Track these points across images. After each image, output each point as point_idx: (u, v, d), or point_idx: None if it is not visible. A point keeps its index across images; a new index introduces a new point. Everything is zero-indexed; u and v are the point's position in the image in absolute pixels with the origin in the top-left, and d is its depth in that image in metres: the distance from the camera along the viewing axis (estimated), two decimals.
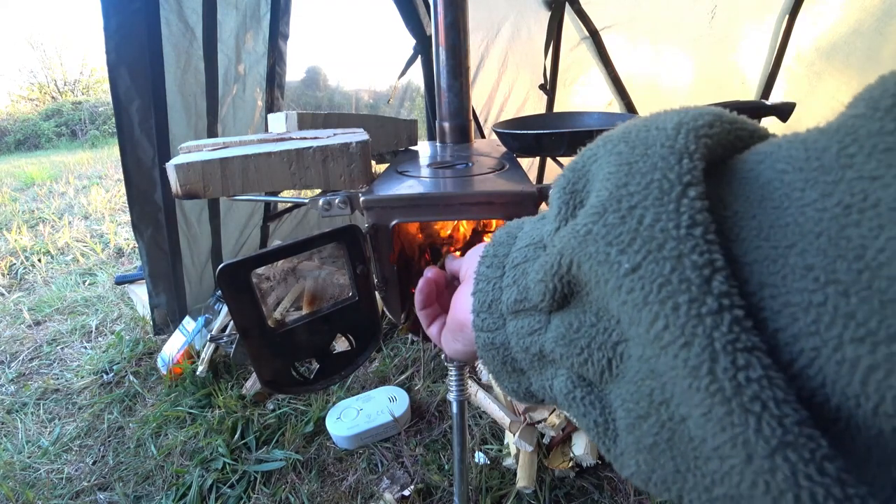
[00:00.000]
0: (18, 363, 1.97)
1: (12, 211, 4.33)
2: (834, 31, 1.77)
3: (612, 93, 2.25)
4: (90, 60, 13.56)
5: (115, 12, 1.41)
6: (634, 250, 0.18)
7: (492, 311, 0.29)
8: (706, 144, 0.20)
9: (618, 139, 0.23)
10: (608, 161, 0.22)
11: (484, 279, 0.30)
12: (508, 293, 0.27)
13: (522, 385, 0.29)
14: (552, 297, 0.24)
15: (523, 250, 0.27)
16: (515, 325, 0.27)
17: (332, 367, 0.61)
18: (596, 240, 0.20)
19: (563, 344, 0.24)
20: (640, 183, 0.20)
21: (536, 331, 0.26)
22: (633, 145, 0.22)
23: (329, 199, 0.61)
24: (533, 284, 0.25)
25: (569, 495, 1.22)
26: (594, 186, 0.23)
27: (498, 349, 0.29)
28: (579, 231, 0.21)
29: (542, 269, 0.24)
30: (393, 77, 2.45)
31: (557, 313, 0.25)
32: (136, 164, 1.62)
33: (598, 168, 0.23)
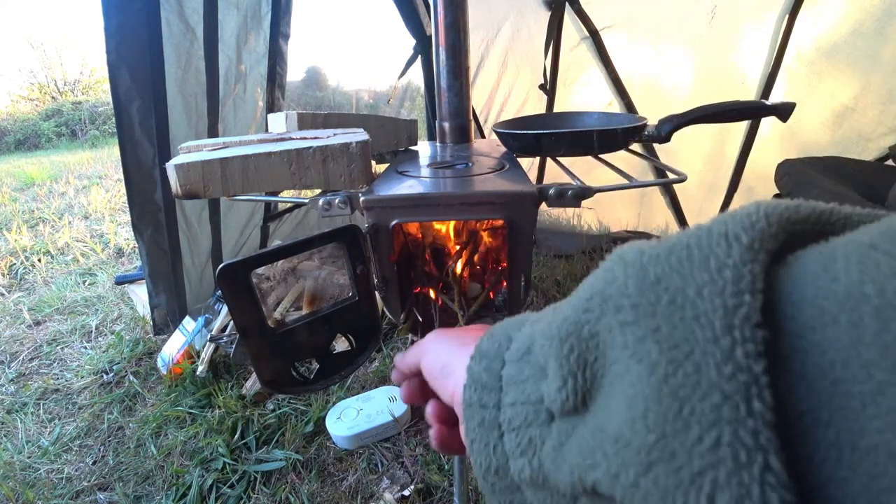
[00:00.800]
0: (18, 363, 1.97)
1: (12, 211, 4.33)
2: (834, 31, 1.77)
3: (612, 93, 2.26)
4: (90, 60, 13.55)
5: (116, 12, 1.41)
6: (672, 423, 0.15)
7: (500, 476, 0.24)
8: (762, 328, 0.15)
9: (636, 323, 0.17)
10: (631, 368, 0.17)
11: (479, 439, 0.25)
12: (519, 464, 0.23)
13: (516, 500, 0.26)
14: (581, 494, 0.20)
15: (520, 409, 0.23)
16: (536, 495, 0.23)
17: (332, 367, 0.61)
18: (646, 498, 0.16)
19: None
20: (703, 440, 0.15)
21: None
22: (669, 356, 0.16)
23: (329, 199, 0.61)
24: (557, 479, 0.21)
25: None
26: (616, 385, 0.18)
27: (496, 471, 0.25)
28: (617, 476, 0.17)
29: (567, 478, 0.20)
30: (393, 77, 2.46)
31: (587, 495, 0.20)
32: (136, 164, 1.62)
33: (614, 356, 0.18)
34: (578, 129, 0.74)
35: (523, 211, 0.58)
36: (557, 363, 0.21)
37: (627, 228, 2.63)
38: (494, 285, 0.75)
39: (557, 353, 0.21)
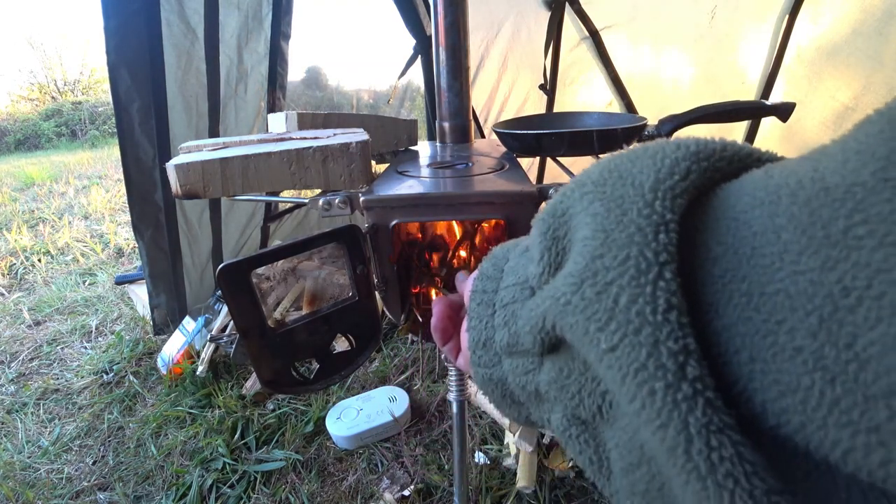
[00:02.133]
0: (18, 363, 1.97)
1: (12, 211, 4.33)
2: (834, 31, 1.77)
3: (612, 93, 2.25)
4: (90, 60, 13.56)
5: (116, 12, 1.41)
6: (612, 330, 0.18)
7: (487, 349, 0.29)
8: (684, 202, 0.19)
9: (593, 193, 0.22)
10: (585, 221, 0.22)
11: (476, 317, 0.30)
12: (501, 334, 0.27)
13: (522, 414, 0.30)
14: (541, 346, 0.24)
15: (511, 289, 0.27)
16: (511, 363, 0.28)
17: (332, 367, 0.61)
18: (575, 312, 0.20)
19: (555, 387, 0.24)
20: (617, 257, 0.19)
21: (531, 371, 0.26)
22: (608, 206, 0.21)
23: (329, 199, 0.61)
24: (523, 333, 0.25)
25: (569, 495, 1.22)
26: (574, 243, 0.23)
27: (496, 384, 0.29)
28: (559, 299, 0.21)
29: (529, 324, 0.24)
30: (393, 77, 2.46)
31: (549, 356, 0.25)
32: (136, 165, 1.62)
33: (576, 222, 0.23)
34: (578, 129, 0.74)
35: (523, 211, 0.58)
36: (537, 242, 0.25)
37: None
38: None
39: (538, 234, 0.25)
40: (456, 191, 0.62)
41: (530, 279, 0.26)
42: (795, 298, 0.15)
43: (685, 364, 0.17)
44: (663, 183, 0.20)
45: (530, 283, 0.26)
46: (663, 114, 0.77)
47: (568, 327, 0.21)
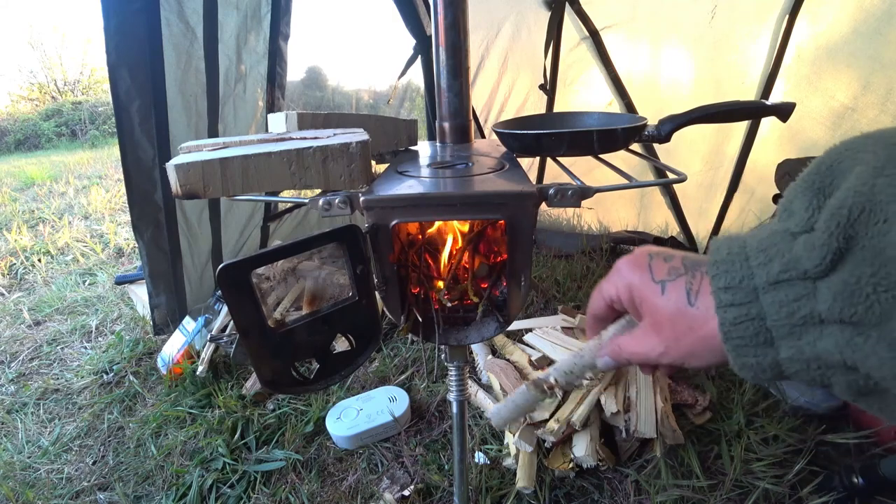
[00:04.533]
0: (18, 363, 1.97)
1: (12, 211, 4.33)
2: (834, 31, 1.77)
3: (612, 93, 2.25)
4: (90, 60, 13.56)
5: (116, 12, 1.41)
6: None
7: (742, 286, 0.32)
8: None
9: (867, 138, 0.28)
10: (863, 157, 0.27)
11: (724, 263, 0.33)
12: (765, 269, 0.31)
13: (768, 357, 0.32)
14: (831, 256, 0.28)
15: (765, 240, 0.32)
16: (774, 296, 0.31)
17: (332, 367, 0.61)
18: (884, 183, 0.26)
19: (842, 298, 0.28)
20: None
21: (804, 296, 0.29)
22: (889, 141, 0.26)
23: (329, 199, 0.61)
24: (803, 252, 0.29)
25: (569, 495, 1.22)
26: (847, 178, 0.28)
27: (752, 321, 0.32)
28: (861, 189, 0.26)
29: (821, 233, 0.28)
30: (393, 77, 2.46)
31: (823, 279, 0.29)
32: (136, 164, 1.62)
33: (848, 166, 0.28)
34: (578, 129, 0.74)
35: (523, 211, 0.58)
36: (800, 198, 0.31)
37: (627, 228, 2.63)
38: (494, 283, 0.75)
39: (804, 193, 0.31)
40: (456, 191, 0.62)
41: (793, 228, 0.30)
42: None
43: None
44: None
45: (792, 231, 0.30)
46: (663, 114, 0.77)
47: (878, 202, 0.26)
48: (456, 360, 0.79)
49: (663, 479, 1.21)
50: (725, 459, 1.27)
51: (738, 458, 1.25)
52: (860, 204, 0.27)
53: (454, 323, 0.73)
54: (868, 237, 0.27)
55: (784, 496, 1.18)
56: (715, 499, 1.18)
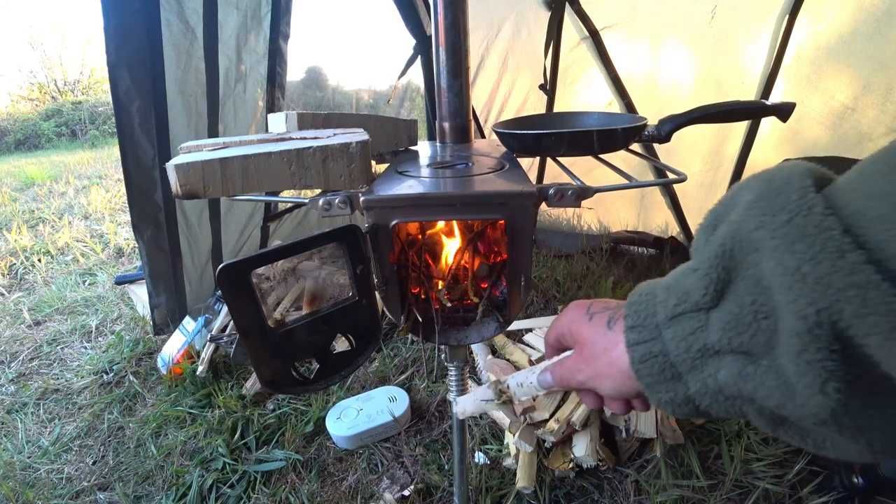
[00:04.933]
0: (18, 363, 1.97)
1: (12, 211, 4.33)
2: (834, 31, 1.77)
3: (612, 93, 2.25)
4: (90, 60, 13.55)
5: (115, 13, 1.41)
6: (788, 210, 0.26)
7: (646, 324, 0.34)
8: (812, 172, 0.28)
9: (750, 179, 0.30)
10: (749, 189, 0.29)
11: (635, 304, 0.35)
12: (664, 305, 0.33)
13: (679, 392, 0.33)
14: (714, 287, 0.30)
15: (672, 278, 0.34)
16: (673, 331, 0.32)
17: (332, 367, 0.61)
18: (751, 217, 0.28)
19: (729, 328, 0.29)
20: (783, 183, 0.27)
21: (698, 328, 0.31)
22: (765, 175, 0.29)
23: (329, 199, 0.61)
24: (692, 285, 0.31)
25: (569, 495, 1.22)
26: (735, 209, 0.30)
27: (657, 357, 0.33)
28: (733, 222, 0.29)
29: (703, 266, 0.30)
30: (393, 77, 2.46)
31: (715, 310, 0.30)
32: (136, 164, 1.62)
33: (735, 201, 0.30)
34: (578, 129, 0.74)
35: (523, 211, 0.58)
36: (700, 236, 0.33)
37: (627, 228, 2.63)
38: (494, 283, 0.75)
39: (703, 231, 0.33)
40: (456, 191, 0.62)
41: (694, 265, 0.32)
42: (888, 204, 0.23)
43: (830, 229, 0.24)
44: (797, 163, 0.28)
45: (693, 267, 0.32)
46: (663, 113, 0.77)
47: (745, 233, 0.28)
48: (456, 360, 0.79)
49: (663, 479, 1.21)
50: (725, 459, 1.27)
51: (738, 458, 1.25)
52: (732, 236, 0.29)
53: (454, 323, 0.73)
54: (745, 268, 0.28)
55: (784, 496, 1.18)
56: (715, 499, 1.18)
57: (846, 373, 0.25)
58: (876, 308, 0.23)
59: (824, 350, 0.25)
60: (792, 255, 0.25)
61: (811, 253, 0.25)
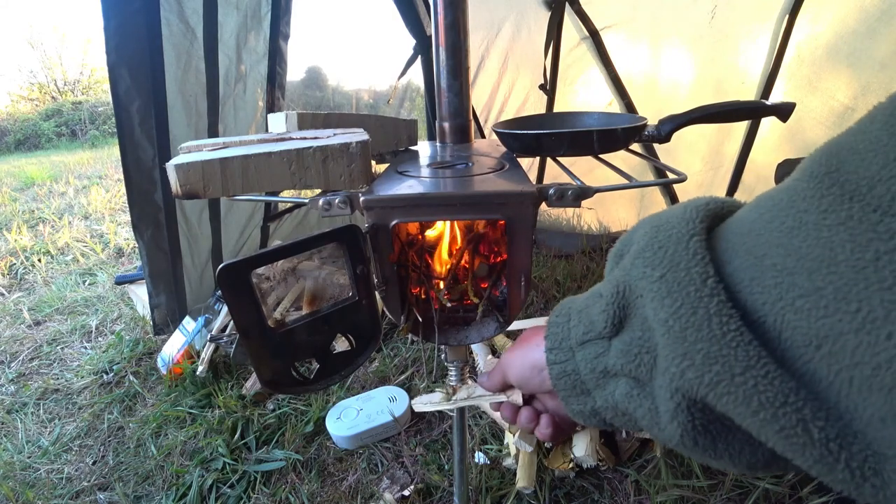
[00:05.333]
0: (18, 363, 1.97)
1: (12, 211, 4.33)
2: (834, 31, 1.77)
3: (612, 93, 2.26)
4: (90, 60, 13.56)
5: (115, 13, 1.41)
6: (663, 266, 0.29)
7: (562, 347, 0.38)
8: (706, 214, 0.31)
9: (647, 221, 0.34)
10: (643, 232, 0.33)
11: (554, 325, 0.40)
12: (576, 330, 0.37)
13: (588, 405, 0.38)
14: (612, 321, 0.33)
15: (583, 301, 0.38)
16: (583, 353, 0.37)
17: (332, 367, 0.61)
18: (637, 266, 0.31)
19: (622, 355, 0.33)
20: (666, 235, 0.31)
21: (601, 354, 0.35)
22: (658, 221, 0.32)
23: (329, 199, 0.61)
24: (596, 317, 0.35)
25: (569, 495, 1.22)
26: (632, 247, 0.33)
27: (569, 375, 0.38)
28: (626, 265, 0.33)
29: (604, 301, 0.34)
30: (393, 77, 2.46)
31: (616, 338, 0.34)
32: (136, 164, 1.62)
33: (637, 237, 0.34)
34: (578, 129, 0.74)
35: (523, 211, 0.58)
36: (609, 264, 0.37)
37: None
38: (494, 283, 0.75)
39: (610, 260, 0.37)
40: (456, 191, 0.62)
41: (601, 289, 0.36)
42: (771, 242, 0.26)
43: (707, 278, 0.27)
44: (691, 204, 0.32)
45: (600, 292, 0.36)
46: (663, 113, 0.77)
47: (633, 279, 0.31)
48: (456, 360, 0.79)
49: (663, 479, 1.21)
50: None
51: None
52: (624, 280, 0.33)
53: (454, 323, 0.73)
54: (636, 307, 0.32)
55: (784, 496, 1.18)
56: (715, 499, 1.18)
57: (693, 416, 0.28)
58: (718, 359, 0.26)
59: (676, 393, 0.28)
60: (662, 308, 0.29)
61: (674, 308, 0.28)
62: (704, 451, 0.29)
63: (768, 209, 0.27)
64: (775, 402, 0.24)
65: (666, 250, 0.30)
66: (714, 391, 0.26)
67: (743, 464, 0.29)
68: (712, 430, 0.29)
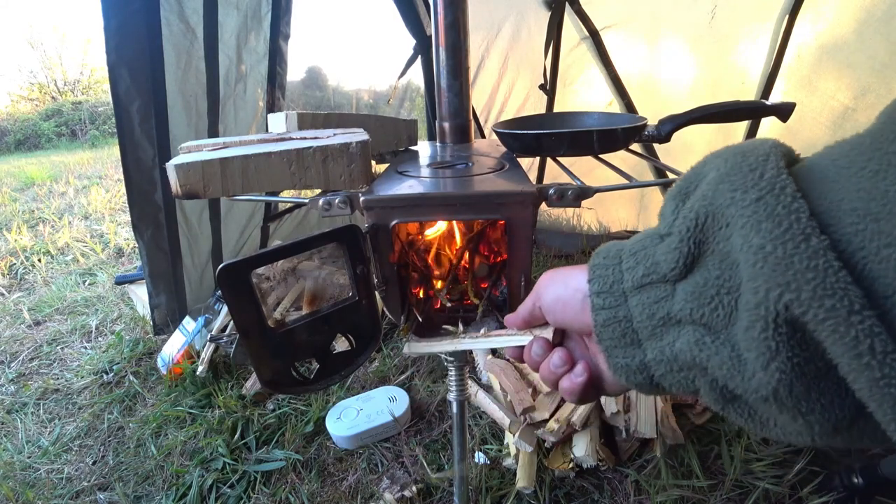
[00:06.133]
0: (18, 363, 1.97)
1: (12, 211, 4.33)
2: (834, 31, 1.77)
3: (612, 93, 2.25)
4: (90, 60, 13.56)
5: (115, 12, 1.41)
6: (759, 188, 0.26)
7: (612, 291, 0.34)
8: (782, 151, 0.28)
9: (723, 151, 0.30)
10: (722, 160, 0.29)
11: (600, 267, 0.36)
12: (632, 273, 0.33)
13: (636, 358, 0.34)
14: (684, 260, 0.30)
15: (638, 243, 0.34)
16: (639, 298, 0.33)
17: (332, 367, 0.61)
18: (722, 191, 0.28)
19: (693, 299, 0.30)
20: (758, 159, 0.27)
21: (663, 299, 0.32)
22: (740, 148, 0.29)
23: (329, 199, 0.61)
24: (662, 257, 0.31)
25: (569, 495, 1.22)
26: (705, 179, 0.30)
27: (619, 323, 0.34)
28: (706, 194, 0.29)
29: (675, 238, 0.30)
30: (393, 77, 2.45)
31: (683, 281, 0.31)
32: (136, 164, 1.62)
33: (707, 170, 0.30)
34: (578, 129, 0.74)
35: (523, 211, 0.58)
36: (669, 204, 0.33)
37: (627, 228, 2.63)
38: (494, 283, 0.75)
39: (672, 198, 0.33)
40: (456, 191, 0.62)
41: (661, 231, 0.33)
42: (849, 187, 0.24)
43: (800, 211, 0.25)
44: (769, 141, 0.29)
45: (660, 233, 0.32)
46: (663, 113, 0.77)
47: (718, 206, 0.28)
48: (456, 360, 0.79)
49: (663, 479, 1.21)
50: (725, 459, 1.27)
51: (738, 458, 1.25)
52: (705, 209, 0.29)
53: (454, 323, 0.73)
54: (715, 241, 0.29)
55: (784, 496, 1.18)
56: (715, 499, 1.18)
57: (793, 355, 0.25)
58: (832, 294, 0.23)
59: (775, 330, 0.25)
60: (758, 234, 0.25)
61: (777, 233, 0.25)
62: (797, 403, 0.26)
63: (844, 154, 0.25)
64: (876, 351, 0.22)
65: (761, 172, 0.27)
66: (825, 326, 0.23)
67: (830, 422, 0.27)
68: (808, 373, 0.26)
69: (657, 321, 0.32)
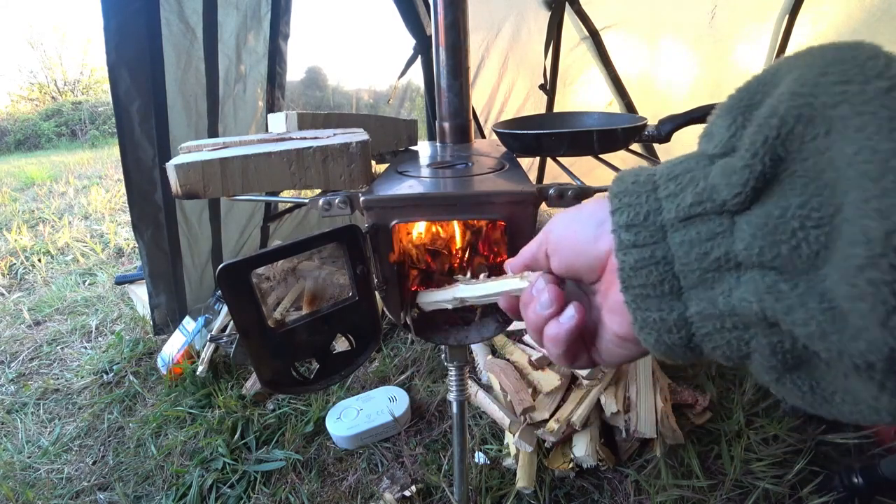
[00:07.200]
0: (18, 363, 1.97)
1: (12, 211, 4.33)
2: (834, 31, 1.77)
3: (612, 93, 2.26)
4: (90, 60, 13.57)
5: (115, 12, 1.41)
6: (886, 77, 0.20)
7: (647, 224, 0.27)
8: None
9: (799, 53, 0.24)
10: (803, 61, 0.23)
11: (628, 194, 0.28)
12: (675, 201, 0.26)
13: (674, 312, 0.26)
14: (754, 183, 0.23)
15: (678, 166, 0.26)
16: (685, 234, 0.25)
17: (332, 367, 0.61)
18: (823, 86, 0.21)
19: (763, 236, 0.23)
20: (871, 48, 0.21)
21: (719, 234, 0.24)
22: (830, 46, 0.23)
23: (329, 199, 0.61)
24: (720, 179, 0.24)
25: (569, 495, 1.22)
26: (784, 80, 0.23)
27: (656, 265, 0.26)
28: (800, 90, 0.22)
29: (745, 154, 0.23)
30: (393, 77, 2.46)
31: (746, 213, 0.24)
32: (136, 164, 1.62)
33: (784, 71, 0.23)
34: (578, 129, 0.74)
35: (523, 211, 0.58)
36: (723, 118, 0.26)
37: None
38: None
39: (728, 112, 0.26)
40: (456, 191, 0.62)
41: (711, 150, 0.25)
42: None
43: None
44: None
45: (710, 153, 0.25)
46: (663, 113, 0.77)
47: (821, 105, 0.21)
48: (456, 360, 0.79)
49: (663, 479, 1.21)
50: (725, 459, 1.27)
51: (738, 458, 1.25)
52: (797, 110, 0.22)
53: (454, 323, 0.73)
54: (801, 156, 0.22)
55: (784, 496, 1.18)
56: (715, 499, 1.18)
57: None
58: None
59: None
60: (888, 138, 0.19)
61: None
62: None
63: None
64: None
65: (886, 61, 0.20)
66: None
67: None
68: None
69: (709, 264, 0.25)
